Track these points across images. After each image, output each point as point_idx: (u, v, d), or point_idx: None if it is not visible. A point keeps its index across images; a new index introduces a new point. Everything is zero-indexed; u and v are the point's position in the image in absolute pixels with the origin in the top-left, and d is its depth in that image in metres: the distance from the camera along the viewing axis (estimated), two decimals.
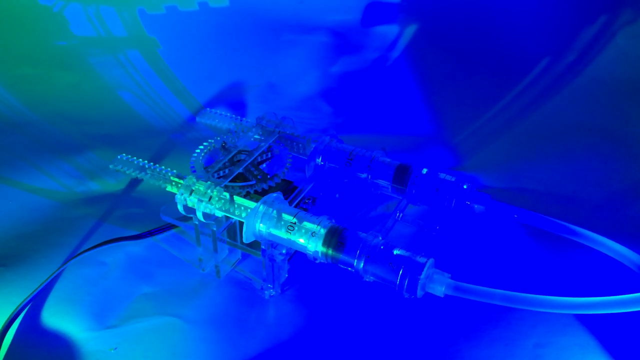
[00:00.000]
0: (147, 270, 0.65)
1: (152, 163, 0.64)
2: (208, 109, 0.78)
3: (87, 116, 0.92)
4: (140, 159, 0.65)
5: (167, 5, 0.99)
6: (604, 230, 0.58)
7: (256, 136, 0.70)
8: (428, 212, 0.71)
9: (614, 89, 0.90)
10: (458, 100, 0.94)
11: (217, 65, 0.99)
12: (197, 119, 0.77)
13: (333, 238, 0.55)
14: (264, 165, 0.69)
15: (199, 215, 0.59)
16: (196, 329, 0.58)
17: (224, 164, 0.65)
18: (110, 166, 0.65)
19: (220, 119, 0.75)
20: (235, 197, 0.59)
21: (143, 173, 0.63)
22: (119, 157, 0.66)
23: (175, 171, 0.63)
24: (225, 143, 0.68)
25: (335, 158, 0.67)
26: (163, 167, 0.64)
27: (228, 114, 0.76)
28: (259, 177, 0.64)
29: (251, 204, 0.58)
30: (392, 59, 0.98)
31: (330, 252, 0.55)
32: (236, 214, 0.58)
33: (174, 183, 0.61)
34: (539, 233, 0.66)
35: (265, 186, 0.63)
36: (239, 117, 0.75)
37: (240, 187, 0.63)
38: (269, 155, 0.69)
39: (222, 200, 0.58)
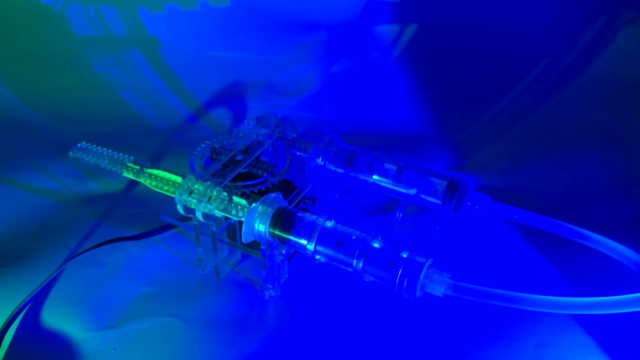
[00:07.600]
0: (147, 270, 0.65)
1: (110, 150, 0.65)
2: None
3: (87, 116, 0.92)
4: (100, 147, 0.66)
5: (168, 5, 0.99)
6: (604, 230, 0.57)
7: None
8: (428, 212, 0.71)
9: (614, 89, 0.90)
10: (458, 100, 0.94)
11: (217, 65, 0.99)
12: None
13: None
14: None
15: (199, 215, 0.59)
16: (196, 329, 0.58)
17: (224, 163, 0.65)
18: (70, 154, 0.65)
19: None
20: (234, 197, 0.59)
21: (102, 160, 0.64)
22: (78, 144, 0.66)
23: (132, 157, 0.64)
24: (215, 146, 0.68)
25: (335, 158, 0.67)
26: (121, 153, 0.64)
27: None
28: (269, 170, 0.65)
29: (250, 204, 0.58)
30: (392, 59, 0.98)
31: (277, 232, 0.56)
32: (234, 214, 0.58)
33: (129, 169, 0.62)
34: (539, 233, 0.65)
35: (267, 185, 0.63)
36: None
37: (240, 187, 0.63)
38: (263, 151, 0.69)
39: (222, 200, 0.58)
